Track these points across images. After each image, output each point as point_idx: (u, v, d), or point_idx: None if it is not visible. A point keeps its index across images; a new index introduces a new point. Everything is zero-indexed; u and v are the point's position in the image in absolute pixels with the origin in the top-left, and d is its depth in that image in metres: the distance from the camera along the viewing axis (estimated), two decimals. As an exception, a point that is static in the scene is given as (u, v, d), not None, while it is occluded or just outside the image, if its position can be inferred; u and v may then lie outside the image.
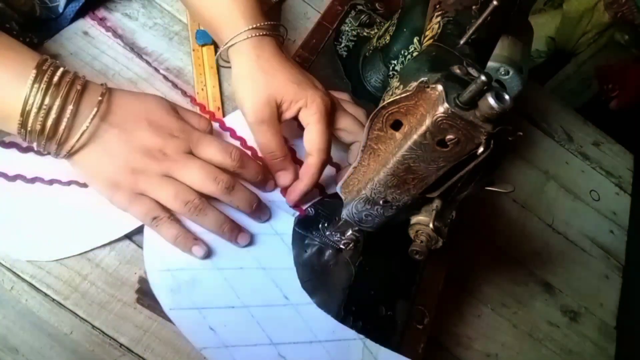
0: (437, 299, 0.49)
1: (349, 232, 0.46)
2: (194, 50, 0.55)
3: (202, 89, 0.53)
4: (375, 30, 0.62)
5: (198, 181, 0.42)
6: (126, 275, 0.44)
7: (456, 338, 0.56)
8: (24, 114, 0.36)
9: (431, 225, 0.35)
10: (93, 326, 0.41)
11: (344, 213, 0.42)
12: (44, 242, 0.42)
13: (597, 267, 0.69)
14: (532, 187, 0.71)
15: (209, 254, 0.43)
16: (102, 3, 0.53)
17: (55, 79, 0.37)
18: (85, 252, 0.43)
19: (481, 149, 0.30)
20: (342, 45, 0.60)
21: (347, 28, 0.61)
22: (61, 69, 0.38)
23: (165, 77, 0.52)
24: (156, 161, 0.41)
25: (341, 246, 0.46)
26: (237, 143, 0.49)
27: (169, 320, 0.43)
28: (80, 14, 0.52)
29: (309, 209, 0.49)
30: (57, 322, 0.41)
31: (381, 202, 0.37)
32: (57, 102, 0.37)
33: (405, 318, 0.46)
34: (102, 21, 0.50)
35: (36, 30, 0.49)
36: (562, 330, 0.62)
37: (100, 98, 0.39)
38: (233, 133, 0.50)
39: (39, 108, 0.36)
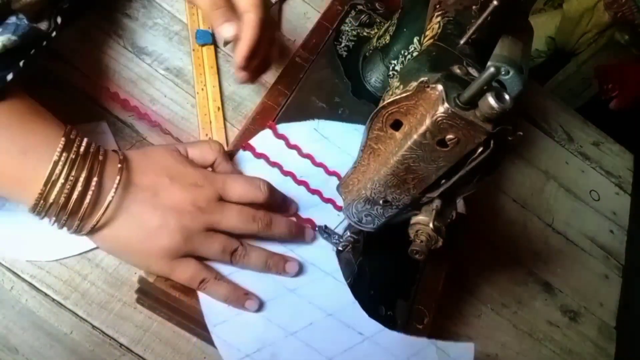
0: (437, 299, 0.49)
1: (349, 233, 0.46)
2: (194, 50, 0.55)
3: (202, 89, 0.53)
4: (375, 30, 0.62)
5: (240, 225, 0.41)
6: (126, 275, 0.44)
7: (456, 338, 0.56)
8: (48, 184, 0.33)
9: (431, 225, 0.35)
10: (93, 326, 0.41)
11: (344, 213, 0.42)
12: (44, 242, 0.42)
13: (597, 267, 0.69)
14: (532, 187, 0.71)
15: (261, 306, 0.41)
16: (101, 3, 0.53)
17: (82, 149, 0.35)
18: (85, 252, 0.43)
19: (481, 149, 0.30)
20: (342, 45, 0.60)
21: (347, 28, 0.61)
22: (86, 139, 0.36)
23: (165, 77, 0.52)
24: (193, 217, 0.39)
25: (339, 248, 0.46)
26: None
27: (169, 320, 0.43)
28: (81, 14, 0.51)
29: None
30: (57, 321, 0.41)
31: (381, 202, 0.37)
32: (84, 174, 0.35)
33: (405, 318, 0.46)
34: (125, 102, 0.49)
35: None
36: (562, 330, 0.62)
37: (120, 165, 0.37)
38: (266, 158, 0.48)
39: (66, 179, 0.34)
